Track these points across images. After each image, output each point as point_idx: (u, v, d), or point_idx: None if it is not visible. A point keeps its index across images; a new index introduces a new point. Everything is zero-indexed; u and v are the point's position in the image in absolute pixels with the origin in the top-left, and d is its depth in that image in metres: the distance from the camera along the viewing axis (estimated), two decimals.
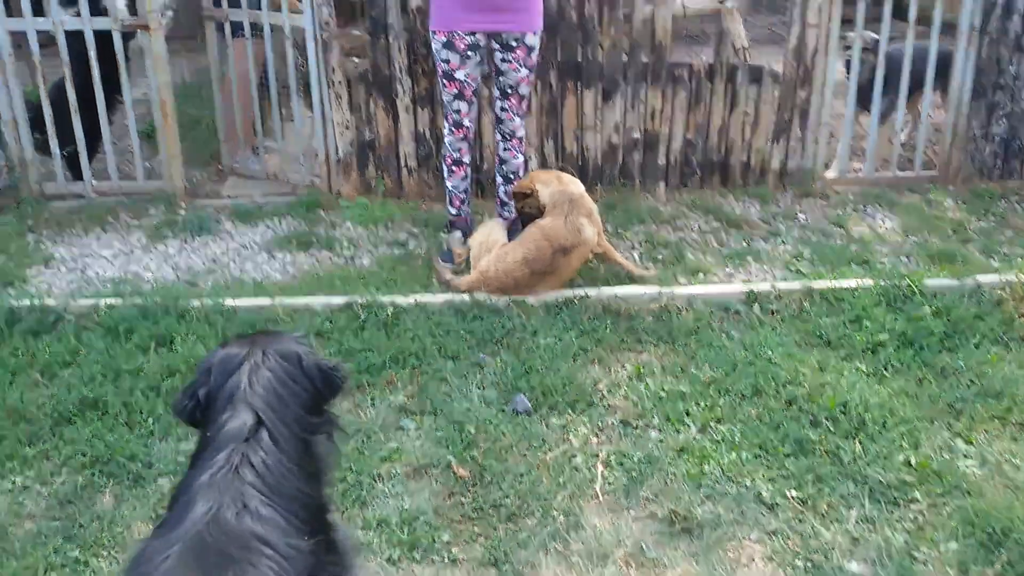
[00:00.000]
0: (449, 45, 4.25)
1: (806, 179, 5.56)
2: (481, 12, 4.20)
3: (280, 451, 1.96)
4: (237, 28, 5.33)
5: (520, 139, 4.58)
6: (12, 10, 5.06)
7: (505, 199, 4.72)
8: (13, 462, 3.18)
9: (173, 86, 5.26)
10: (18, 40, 5.10)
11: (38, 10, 5.03)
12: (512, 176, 4.65)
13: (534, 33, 4.31)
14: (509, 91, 4.42)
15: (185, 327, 3.86)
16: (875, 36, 5.47)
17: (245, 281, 4.49)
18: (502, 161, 4.65)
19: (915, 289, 4.19)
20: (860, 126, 6.00)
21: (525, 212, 4.39)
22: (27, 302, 4.03)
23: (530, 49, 4.34)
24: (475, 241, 4.42)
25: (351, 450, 3.22)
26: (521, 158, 4.64)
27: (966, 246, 4.96)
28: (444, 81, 4.36)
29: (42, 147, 5.23)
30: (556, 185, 4.36)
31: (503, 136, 4.57)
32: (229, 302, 4.04)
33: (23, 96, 5.13)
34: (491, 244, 4.30)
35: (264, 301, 4.08)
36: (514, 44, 4.29)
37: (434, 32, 4.30)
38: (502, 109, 4.48)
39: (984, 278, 4.31)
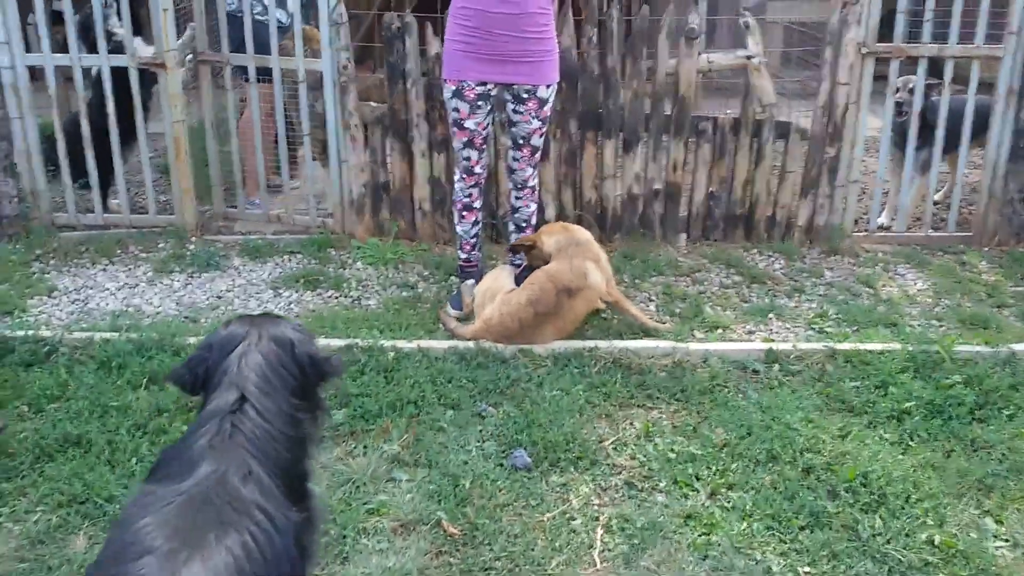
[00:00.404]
0: (459, 94, 4.15)
1: (834, 236, 5.37)
2: (492, 63, 4.10)
3: (266, 422, 2.08)
4: (238, 73, 5.26)
5: (532, 188, 4.46)
6: (30, 46, 5.09)
7: None
8: None
9: (193, 122, 5.22)
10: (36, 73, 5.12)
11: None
12: (524, 225, 4.53)
13: (547, 86, 4.20)
14: (521, 142, 4.31)
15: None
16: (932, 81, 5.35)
17: None
18: (514, 210, 4.54)
19: (945, 356, 3.98)
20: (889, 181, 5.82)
21: (533, 264, 4.26)
22: (21, 332, 3.92)
23: (543, 101, 4.22)
24: (480, 288, 4.29)
25: (337, 501, 3.05)
26: (533, 207, 4.52)
27: (1000, 311, 4.73)
28: (454, 129, 4.27)
29: (55, 179, 5.20)
30: (561, 234, 4.25)
31: (515, 185, 4.47)
32: None
33: (38, 128, 5.11)
34: (496, 291, 4.16)
35: None
36: (526, 96, 4.18)
37: (445, 80, 4.20)
38: (514, 159, 4.38)
39: (1019, 346, 4.09)
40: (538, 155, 4.39)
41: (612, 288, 4.27)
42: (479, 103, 4.18)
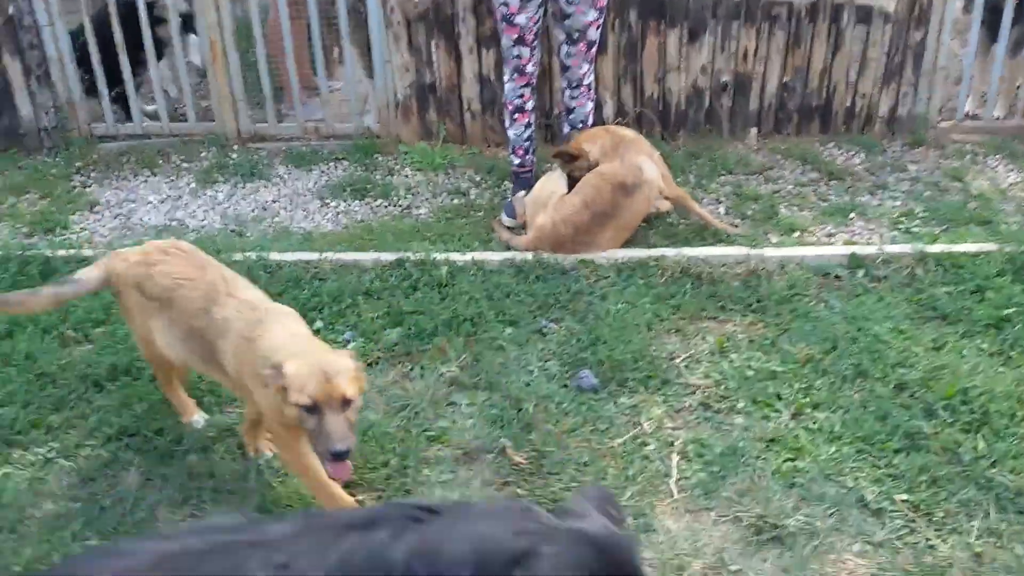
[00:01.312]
0: None
1: (918, 126, 4.96)
2: None
3: None
4: None
5: (589, 86, 4.13)
6: None
7: None
8: (38, 431, 2.93)
9: (235, 20, 4.88)
10: None
11: None
12: (580, 126, 4.21)
13: None
14: (576, 36, 3.96)
15: None
16: None
17: (293, 232, 4.16)
18: (569, 110, 4.22)
19: None
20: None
21: (575, 176, 3.94)
22: (63, 252, 3.77)
23: None
24: (531, 197, 4.02)
25: (396, 429, 2.88)
26: (590, 106, 4.20)
27: None
28: (503, 25, 3.92)
29: (90, 88, 4.96)
30: (604, 136, 3.96)
31: (569, 84, 4.14)
32: (274, 256, 3.73)
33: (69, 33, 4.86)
34: (546, 198, 3.88)
35: (311, 255, 3.75)
36: None
37: None
38: (568, 56, 4.03)
39: None
40: (594, 50, 4.04)
41: (671, 184, 3.98)
42: None
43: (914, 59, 4.81)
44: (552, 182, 4.00)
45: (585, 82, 4.10)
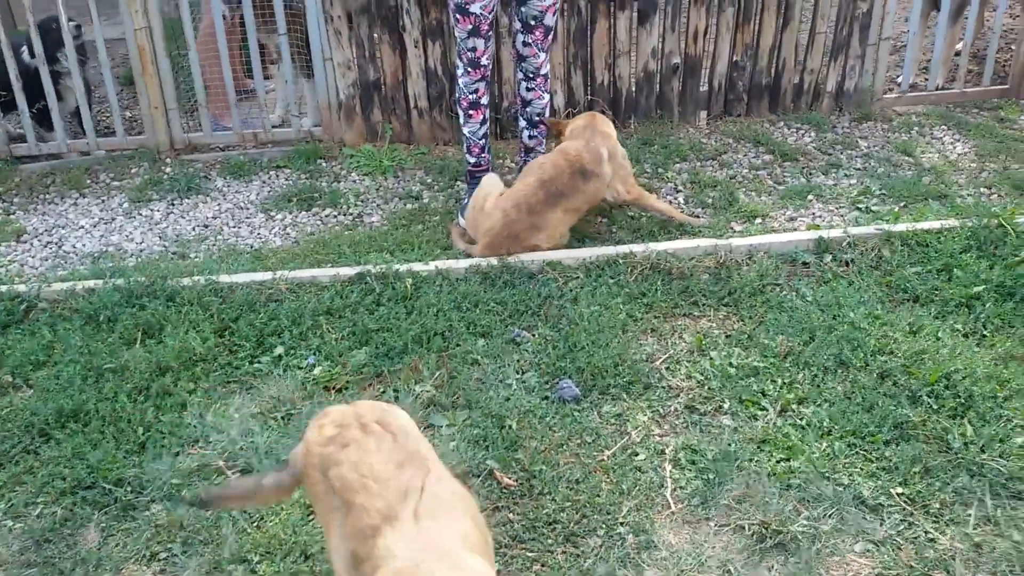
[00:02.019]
0: None
1: (864, 100, 4.95)
2: None
3: None
4: None
5: (545, 77, 3.99)
6: None
7: (530, 144, 4.15)
8: None
9: (164, 20, 4.59)
10: None
11: None
12: (537, 118, 4.08)
13: None
14: (533, 23, 3.81)
15: (175, 312, 3.35)
16: None
17: (241, 250, 3.96)
18: (525, 103, 4.07)
19: (1009, 228, 3.64)
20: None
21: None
22: None
23: None
24: (469, 205, 3.87)
25: None
26: (547, 98, 4.07)
27: None
28: (457, 16, 3.75)
29: (7, 104, 4.65)
30: (586, 119, 3.91)
31: (526, 75, 3.98)
32: (224, 279, 3.53)
33: None
34: (483, 201, 3.74)
35: (264, 275, 3.57)
36: None
37: None
38: (525, 44, 3.88)
39: None
40: (551, 37, 3.91)
41: (632, 187, 3.88)
42: None
43: (860, 31, 4.79)
44: (487, 185, 3.85)
45: (542, 72, 3.97)
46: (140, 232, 4.16)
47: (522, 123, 4.13)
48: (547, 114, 4.10)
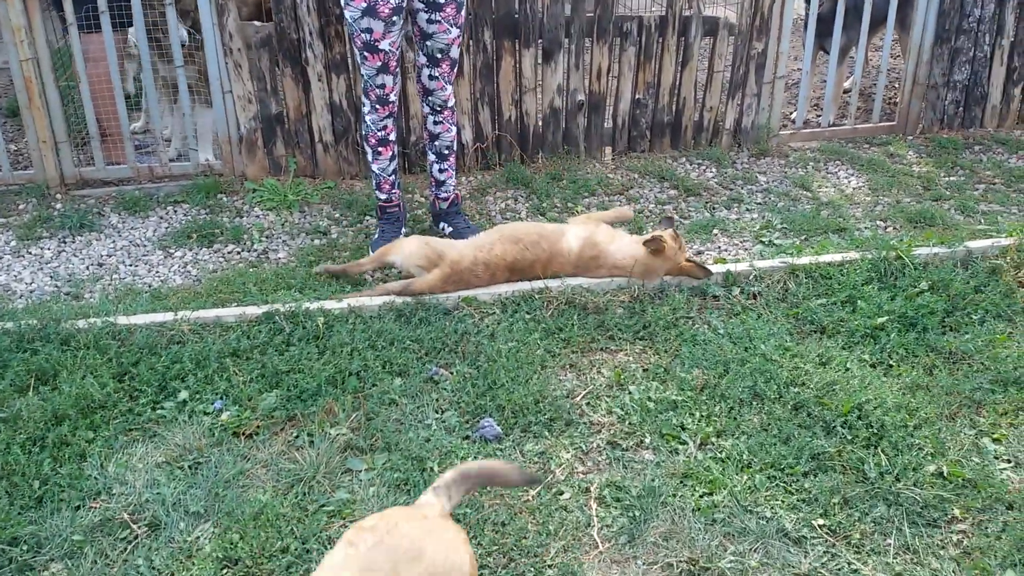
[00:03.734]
0: (371, 11, 3.58)
1: (761, 136, 5.11)
2: None
3: None
4: (83, 4, 4.27)
5: (452, 109, 3.97)
6: None
7: (440, 178, 4.10)
8: None
9: (50, 49, 4.36)
10: None
11: None
12: (447, 152, 4.04)
13: None
14: (439, 56, 3.79)
15: (71, 357, 3.15)
16: None
17: (139, 290, 3.78)
18: (433, 137, 4.03)
19: (906, 261, 3.79)
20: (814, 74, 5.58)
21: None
22: None
23: (460, 5, 3.72)
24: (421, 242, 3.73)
25: (290, 508, 2.62)
26: (454, 131, 4.04)
27: (941, 204, 4.59)
28: (365, 54, 3.69)
29: None
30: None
31: (433, 109, 3.95)
32: (123, 320, 3.35)
33: None
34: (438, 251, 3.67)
35: (165, 316, 3.40)
36: (443, 1, 3.66)
37: None
38: (431, 78, 3.85)
39: (974, 244, 3.95)
40: (455, 69, 3.89)
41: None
42: (394, 19, 3.64)
43: (756, 69, 4.94)
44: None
45: (449, 104, 3.94)
46: (30, 272, 3.93)
47: (431, 157, 4.08)
48: (455, 146, 4.06)
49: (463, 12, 3.76)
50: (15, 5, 4.13)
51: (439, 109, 3.94)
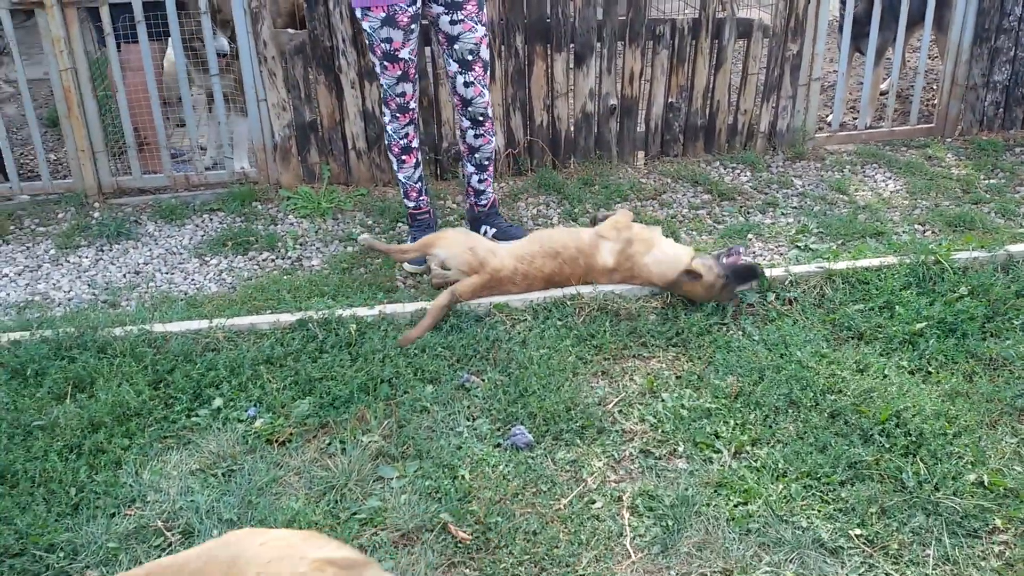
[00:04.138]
0: (390, 21, 3.58)
1: (797, 140, 5.05)
2: None
3: None
4: (120, 15, 4.34)
5: (491, 119, 3.91)
6: None
7: (480, 187, 4.07)
8: None
9: (88, 61, 4.42)
10: None
11: None
12: (487, 163, 4.00)
13: None
14: (470, 58, 3.74)
15: (107, 365, 3.20)
16: None
17: (174, 297, 3.82)
18: (473, 150, 3.97)
19: (946, 265, 3.72)
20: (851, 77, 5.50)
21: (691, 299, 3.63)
22: None
23: (480, 2, 3.70)
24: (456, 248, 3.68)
25: (323, 516, 2.62)
26: (494, 141, 4.00)
27: (981, 208, 4.51)
28: (385, 64, 3.68)
29: None
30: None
31: (474, 120, 3.88)
32: (158, 328, 3.39)
33: None
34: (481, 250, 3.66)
35: (200, 324, 3.43)
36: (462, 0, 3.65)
37: (367, 10, 3.58)
38: (467, 85, 3.78)
39: (1015, 248, 3.86)
40: (488, 72, 3.84)
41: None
42: (412, 26, 3.64)
43: (791, 71, 4.89)
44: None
45: (489, 114, 3.87)
46: (68, 280, 3.99)
47: (470, 168, 4.03)
48: (494, 156, 4.03)
49: (484, 9, 3.73)
50: (55, 17, 4.20)
51: (480, 120, 3.87)
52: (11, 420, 2.94)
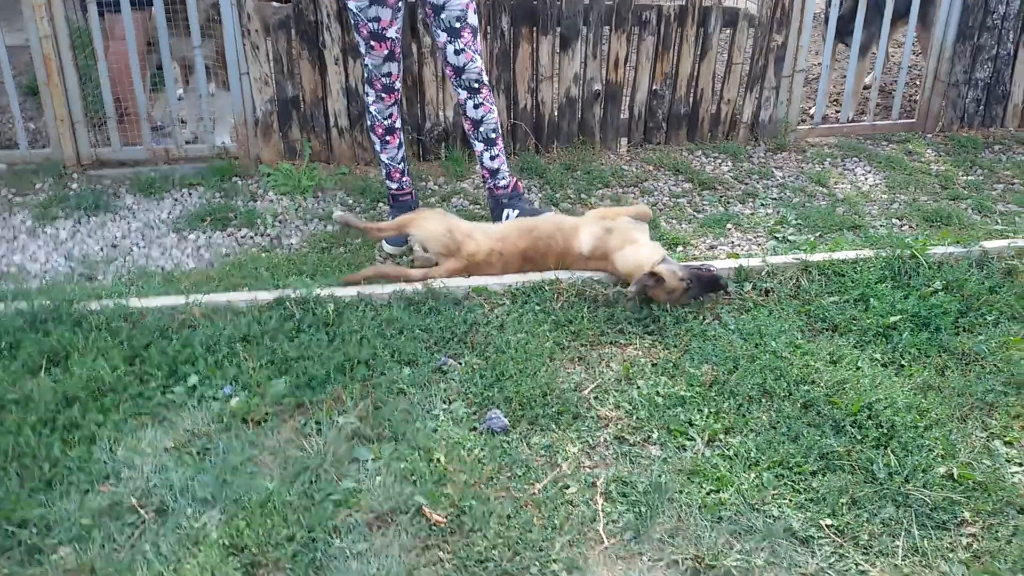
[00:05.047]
0: (379, 0, 3.56)
1: (779, 131, 5.07)
2: None
3: None
4: None
5: (489, 87, 3.81)
6: None
7: (494, 166, 3.95)
8: None
9: (69, 29, 4.37)
10: None
11: None
12: (493, 135, 3.88)
13: None
14: (458, 24, 3.67)
15: (83, 338, 3.17)
16: None
17: (152, 272, 3.79)
18: (476, 123, 3.86)
19: (921, 259, 3.75)
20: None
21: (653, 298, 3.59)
22: None
23: None
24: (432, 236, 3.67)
25: (298, 497, 2.62)
26: (495, 110, 3.87)
27: (958, 204, 4.55)
28: (372, 43, 3.65)
29: None
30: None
31: (468, 88, 3.78)
32: (135, 303, 3.36)
33: None
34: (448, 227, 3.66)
35: (177, 300, 3.41)
36: None
37: None
38: (457, 52, 3.70)
39: (990, 244, 3.91)
40: (477, 37, 3.76)
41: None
42: (399, 4, 3.61)
43: (775, 63, 4.90)
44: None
45: (484, 79, 3.78)
46: (44, 252, 3.95)
47: (478, 147, 3.93)
48: (500, 131, 3.92)
49: None
50: None
51: (476, 88, 3.77)
52: None
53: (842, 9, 5.03)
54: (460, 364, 3.21)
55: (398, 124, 3.90)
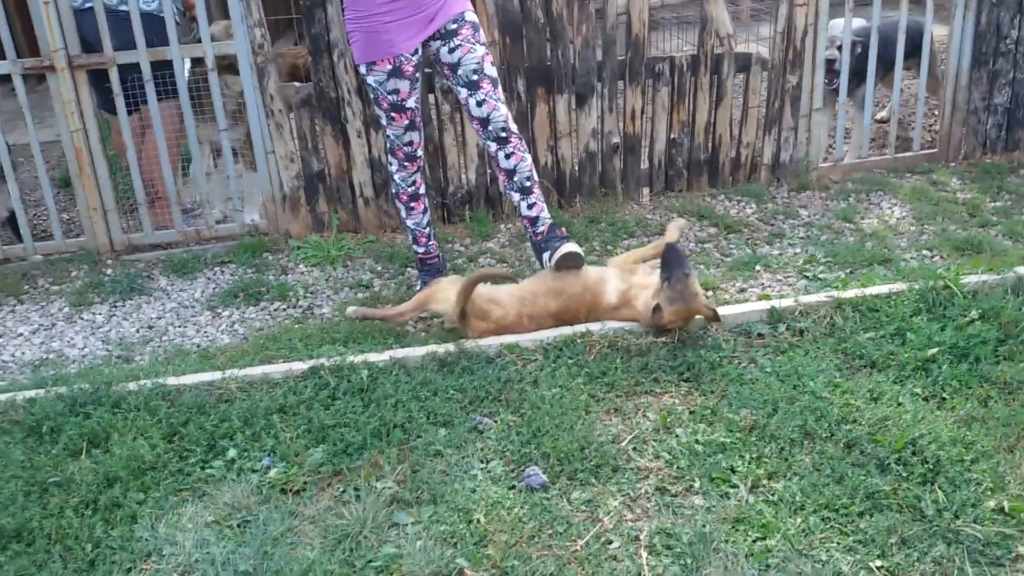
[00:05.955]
0: (397, 72, 3.63)
1: (800, 170, 5.07)
2: (417, 24, 3.60)
3: None
4: (127, 75, 4.42)
5: (518, 135, 3.79)
6: None
7: (533, 214, 3.89)
8: None
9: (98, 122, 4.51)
10: None
11: None
12: (528, 184, 3.85)
13: (471, 11, 3.73)
14: (475, 77, 3.69)
15: (122, 419, 3.21)
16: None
17: (187, 350, 3.85)
18: (510, 173, 3.83)
19: (955, 290, 3.71)
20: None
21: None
22: None
23: (475, 26, 3.72)
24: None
25: (339, 565, 2.62)
26: (529, 157, 3.84)
27: (988, 231, 4.51)
28: (393, 115, 3.72)
29: None
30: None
31: (497, 139, 3.76)
32: (172, 381, 3.41)
33: None
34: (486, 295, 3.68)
35: (213, 375, 3.45)
36: (455, 26, 3.67)
37: (372, 64, 3.63)
38: (479, 104, 3.71)
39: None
40: (500, 88, 3.78)
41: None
42: (417, 75, 3.69)
43: (791, 103, 4.93)
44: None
45: (511, 127, 3.76)
46: (82, 337, 4.03)
47: (515, 197, 3.89)
48: (535, 177, 3.89)
49: (481, 32, 3.74)
50: (65, 79, 4.28)
51: (504, 137, 3.75)
52: (27, 477, 2.96)
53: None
54: (496, 422, 3.20)
55: (422, 190, 3.96)
